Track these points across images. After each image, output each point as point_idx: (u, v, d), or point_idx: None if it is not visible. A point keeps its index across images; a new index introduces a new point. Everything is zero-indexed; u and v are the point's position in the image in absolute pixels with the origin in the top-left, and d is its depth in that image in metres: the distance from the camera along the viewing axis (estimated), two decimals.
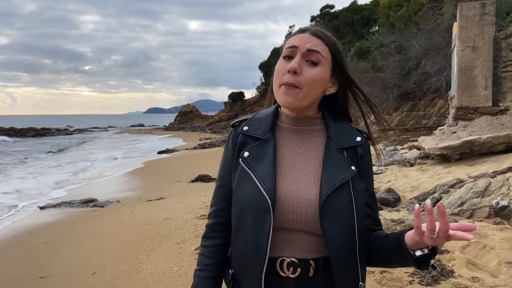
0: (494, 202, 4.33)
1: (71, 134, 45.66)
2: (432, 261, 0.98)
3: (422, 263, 0.97)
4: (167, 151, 20.29)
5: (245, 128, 1.15)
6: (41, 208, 7.96)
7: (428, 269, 0.99)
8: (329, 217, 1.02)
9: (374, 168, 8.86)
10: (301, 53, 1.07)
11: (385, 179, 7.70)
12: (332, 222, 1.02)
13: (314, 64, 1.08)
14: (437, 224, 0.89)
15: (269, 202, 1.02)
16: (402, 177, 7.55)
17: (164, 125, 59.25)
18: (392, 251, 1.03)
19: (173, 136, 35.95)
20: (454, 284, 3.00)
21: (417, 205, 0.89)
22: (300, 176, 1.08)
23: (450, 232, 0.89)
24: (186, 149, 21.33)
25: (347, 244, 1.04)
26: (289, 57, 1.08)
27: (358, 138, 1.14)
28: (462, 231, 0.89)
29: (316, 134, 1.14)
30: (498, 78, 8.81)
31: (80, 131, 51.54)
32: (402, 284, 3.08)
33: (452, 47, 10.39)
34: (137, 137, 37.18)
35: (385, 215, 5.13)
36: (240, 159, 1.10)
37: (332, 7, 30.81)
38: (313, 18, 31.38)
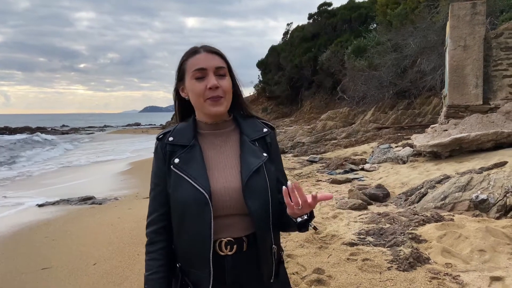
0: (473, 196, 4.64)
1: (67, 133, 45.84)
2: (312, 224, 1.28)
3: (301, 227, 1.25)
4: None
5: (171, 138, 1.34)
6: (39, 205, 8.23)
7: (307, 230, 1.28)
8: (251, 196, 1.27)
9: (367, 166, 9.18)
10: (212, 71, 1.31)
11: (377, 176, 8.01)
12: (253, 199, 1.27)
13: (223, 76, 1.33)
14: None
15: (206, 195, 1.24)
16: (394, 174, 7.87)
17: (161, 124, 59.49)
18: (287, 219, 1.30)
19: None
20: (428, 270, 3.31)
21: (283, 187, 1.18)
22: (226, 170, 1.31)
23: (310, 200, 1.18)
24: None
25: (265, 216, 1.30)
26: (201, 78, 1.31)
27: (265, 129, 1.40)
28: (322, 199, 1.20)
29: (232, 133, 1.39)
30: (489, 77, 9.12)
31: (76, 130, 51.72)
32: (381, 269, 3.38)
33: (445, 46, 10.70)
34: (137, 137, 37.42)
35: (373, 209, 5.44)
36: (172, 166, 1.30)
37: (329, 4, 31.06)
38: (310, 16, 31.63)
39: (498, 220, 4.23)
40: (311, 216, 1.26)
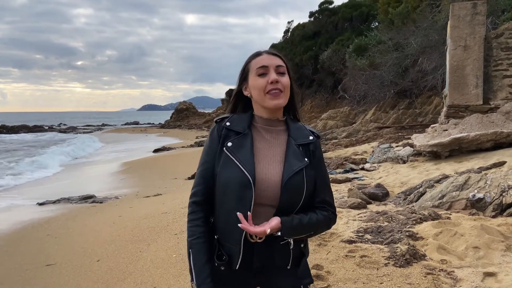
0: (470, 195, 4.80)
1: (65, 132, 45.97)
2: (288, 240, 1.47)
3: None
4: (163, 149, 20.76)
5: (228, 123, 1.52)
6: (40, 204, 8.39)
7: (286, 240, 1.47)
8: (286, 193, 1.43)
9: (368, 165, 9.33)
10: (273, 68, 1.49)
11: (376, 176, 8.16)
12: (287, 196, 1.44)
13: (283, 74, 1.51)
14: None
15: (251, 180, 1.40)
16: (393, 173, 8.02)
17: (159, 123, 59.63)
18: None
19: (167, 134, 36.30)
20: (424, 266, 3.46)
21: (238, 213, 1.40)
22: (270, 164, 1.48)
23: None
24: (182, 147, 21.77)
25: (289, 212, 1.46)
26: (263, 74, 1.49)
27: (311, 137, 1.55)
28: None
29: (281, 133, 1.55)
30: (489, 77, 9.27)
31: (73, 129, 51.86)
32: (378, 265, 3.53)
33: (446, 45, 10.84)
34: (136, 136, 37.55)
35: (372, 208, 5.59)
36: (224, 148, 1.47)
37: (331, 2, 31.18)
38: (311, 14, 31.78)
39: (493, 218, 4.38)
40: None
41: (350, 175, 8.52)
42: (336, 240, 4.23)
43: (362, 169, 9.22)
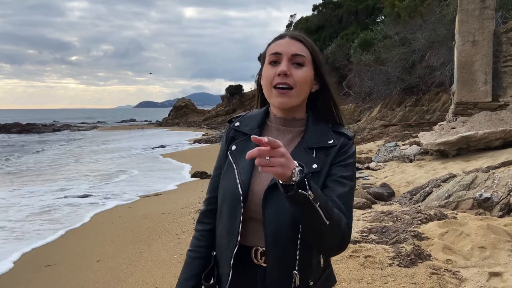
0: (477, 194, 4.89)
1: (59, 130, 46.15)
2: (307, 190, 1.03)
3: (288, 191, 1.03)
4: (161, 147, 20.93)
5: (237, 124, 1.35)
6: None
7: (300, 196, 1.02)
8: (268, 207, 1.19)
9: (373, 164, 9.43)
10: (287, 57, 1.25)
11: (382, 175, 8.27)
12: (271, 211, 1.18)
13: (300, 65, 1.26)
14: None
15: (241, 193, 1.21)
16: (399, 173, 8.12)
17: (157, 120, 59.72)
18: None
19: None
20: (429, 266, 3.56)
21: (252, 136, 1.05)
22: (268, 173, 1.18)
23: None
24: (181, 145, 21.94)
25: (283, 228, 1.18)
26: (274, 63, 1.26)
27: (330, 141, 1.26)
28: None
29: (297, 134, 1.30)
30: (498, 73, 9.35)
31: (68, 127, 52.06)
32: (382, 266, 3.63)
33: (454, 41, 10.92)
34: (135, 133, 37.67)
35: (377, 208, 5.70)
36: (228, 152, 1.31)
37: None
38: (315, 7, 31.88)
39: (500, 218, 4.48)
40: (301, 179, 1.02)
41: None
42: None
43: (367, 168, 9.32)
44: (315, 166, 1.22)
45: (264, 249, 1.21)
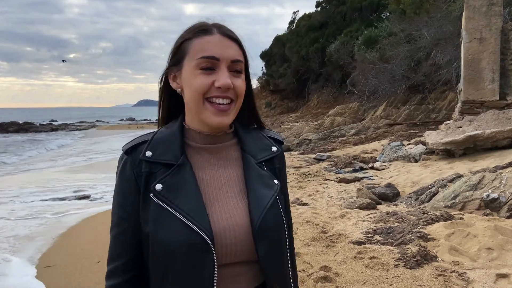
0: (484, 194, 4.91)
1: (56, 129, 46.26)
2: None
3: None
4: None
5: (148, 153, 1.02)
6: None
7: None
8: (263, 239, 1.01)
9: (377, 164, 9.45)
10: (226, 64, 1.02)
11: (387, 175, 8.28)
12: (267, 245, 1.02)
13: (239, 73, 1.05)
14: None
15: (208, 240, 0.95)
16: (405, 173, 8.13)
17: (157, 119, 59.75)
18: None
19: None
20: (435, 267, 3.58)
21: None
22: (229, 202, 1.04)
23: None
24: None
25: (278, 263, 1.06)
26: (208, 69, 1.02)
27: (274, 148, 1.15)
28: None
29: (231, 149, 1.11)
30: (506, 71, 9.35)
31: (66, 126, 52.18)
32: (388, 267, 3.65)
33: (461, 38, 10.92)
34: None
35: (382, 209, 5.72)
36: (151, 194, 0.99)
37: None
38: (318, 4, 31.86)
39: (508, 219, 4.50)
40: None
41: (359, 174, 8.64)
42: (344, 242, 4.35)
43: (372, 168, 9.34)
44: (276, 182, 1.10)
45: None
